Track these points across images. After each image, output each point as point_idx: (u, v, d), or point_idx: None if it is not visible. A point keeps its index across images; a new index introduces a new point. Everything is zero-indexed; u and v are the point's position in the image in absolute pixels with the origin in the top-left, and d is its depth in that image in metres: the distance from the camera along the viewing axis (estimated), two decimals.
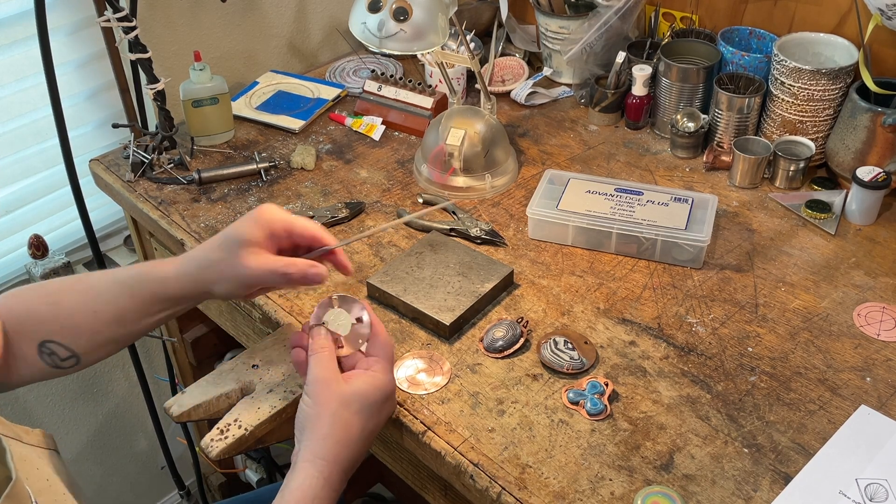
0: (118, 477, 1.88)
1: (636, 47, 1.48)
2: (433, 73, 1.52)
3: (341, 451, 0.82)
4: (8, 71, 1.35)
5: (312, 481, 0.80)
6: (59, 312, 0.89)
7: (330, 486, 0.80)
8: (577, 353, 0.99)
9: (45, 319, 0.88)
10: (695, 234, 1.13)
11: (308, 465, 0.80)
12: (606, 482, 0.87)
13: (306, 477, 0.80)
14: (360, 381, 0.85)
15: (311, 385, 0.84)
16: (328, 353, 0.86)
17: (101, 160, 1.39)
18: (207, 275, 0.87)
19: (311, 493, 0.79)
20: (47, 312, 0.89)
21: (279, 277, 0.86)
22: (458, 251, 1.14)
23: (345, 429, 0.82)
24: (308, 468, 0.80)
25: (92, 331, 0.89)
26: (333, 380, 0.84)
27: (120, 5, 1.26)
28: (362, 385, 0.84)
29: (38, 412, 1.65)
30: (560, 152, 1.40)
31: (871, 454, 0.88)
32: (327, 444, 0.81)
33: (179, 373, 1.72)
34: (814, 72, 1.23)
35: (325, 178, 1.34)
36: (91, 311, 0.89)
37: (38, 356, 0.88)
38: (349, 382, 0.85)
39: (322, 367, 0.85)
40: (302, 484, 0.79)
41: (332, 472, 0.81)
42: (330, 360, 0.86)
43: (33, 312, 0.88)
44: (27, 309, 0.89)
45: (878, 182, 1.18)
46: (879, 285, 1.11)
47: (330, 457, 0.81)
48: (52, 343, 0.88)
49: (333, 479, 0.81)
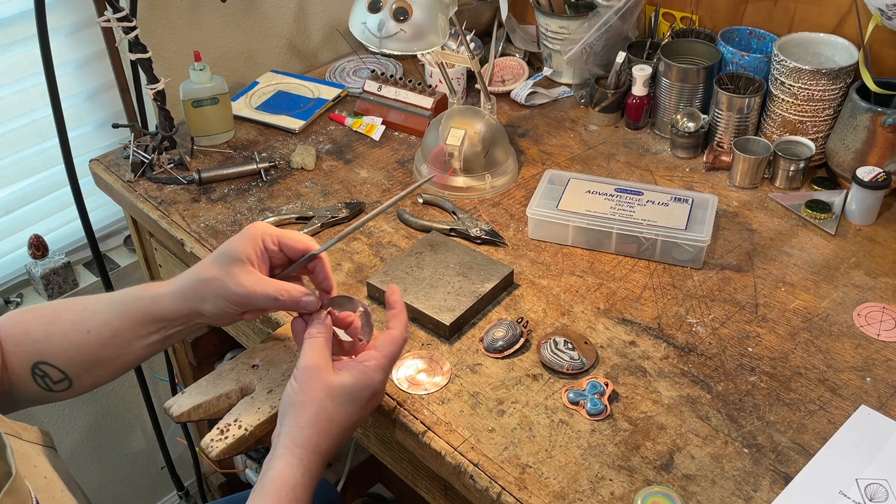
0: (118, 477, 1.87)
1: (636, 47, 1.48)
2: (433, 73, 1.52)
3: (322, 441, 0.82)
4: (8, 71, 1.35)
5: (292, 469, 0.79)
6: (54, 331, 0.89)
7: (309, 475, 0.81)
8: (577, 353, 0.99)
9: (40, 339, 0.89)
10: (695, 234, 1.13)
11: (288, 452, 0.80)
12: (606, 482, 0.86)
13: (286, 465, 0.80)
14: (350, 375, 0.84)
15: (300, 370, 0.83)
16: (322, 340, 0.85)
17: (101, 160, 1.39)
18: (200, 292, 0.87)
19: (292, 482, 0.79)
20: (42, 332, 0.89)
21: (271, 302, 0.86)
22: (458, 251, 1.14)
23: (328, 420, 0.82)
24: (288, 456, 0.80)
25: (85, 350, 0.89)
26: (323, 368, 0.83)
27: (120, 5, 1.26)
28: (350, 379, 0.84)
29: (38, 412, 1.65)
30: (560, 152, 1.40)
31: (871, 454, 0.88)
32: (309, 433, 0.81)
33: (179, 373, 1.72)
34: (814, 72, 1.23)
35: (325, 178, 1.34)
36: (84, 331, 0.89)
37: (32, 379, 0.89)
38: (339, 373, 0.84)
39: (314, 352, 0.84)
40: (282, 472, 0.79)
41: (311, 461, 0.81)
42: (323, 346, 0.85)
43: (30, 333, 0.89)
44: (24, 330, 0.89)
45: (878, 182, 1.18)
46: (879, 285, 1.11)
47: (310, 446, 0.81)
48: (45, 364, 0.88)
49: (312, 467, 0.81)
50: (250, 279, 0.85)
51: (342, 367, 0.85)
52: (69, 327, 0.89)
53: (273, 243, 0.88)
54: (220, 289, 0.85)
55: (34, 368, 0.88)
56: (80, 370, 0.90)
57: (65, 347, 0.89)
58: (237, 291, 0.85)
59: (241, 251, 0.86)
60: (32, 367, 0.88)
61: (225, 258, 0.86)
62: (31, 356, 0.88)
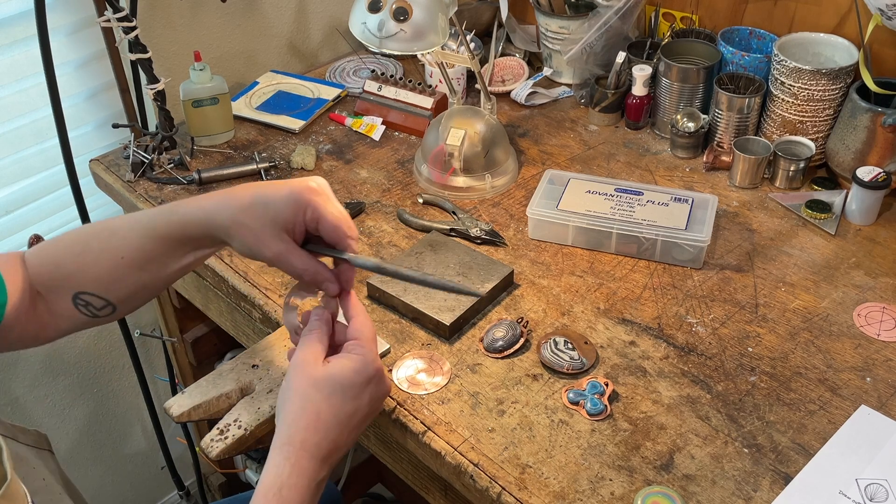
0: (118, 477, 1.87)
1: (636, 47, 1.48)
2: (433, 73, 1.52)
3: (310, 436, 0.78)
4: (8, 71, 1.35)
5: (279, 469, 0.76)
6: (86, 263, 0.87)
7: (300, 473, 0.76)
8: (577, 353, 0.99)
9: (73, 272, 0.87)
10: (695, 234, 1.13)
11: (276, 451, 0.77)
12: (606, 482, 0.86)
13: (273, 465, 0.76)
14: (336, 365, 0.81)
15: (290, 368, 0.81)
16: (314, 336, 0.83)
17: (101, 160, 1.39)
18: (231, 231, 0.83)
19: (278, 482, 0.75)
20: (74, 265, 0.87)
21: (293, 273, 0.84)
22: (458, 251, 1.14)
23: (315, 413, 0.78)
24: (275, 455, 0.77)
25: (122, 277, 0.87)
26: (310, 362, 0.80)
27: (120, 5, 1.26)
28: (337, 369, 0.80)
29: (37, 412, 1.65)
30: (560, 152, 1.40)
31: (871, 454, 0.88)
32: (294, 429, 0.78)
33: (179, 373, 1.72)
34: (814, 72, 1.23)
35: (325, 178, 1.34)
36: (118, 258, 0.87)
37: (75, 308, 0.88)
38: (325, 366, 0.81)
39: (304, 349, 0.82)
40: (269, 472, 0.76)
41: (299, 458, 0.77)
42: (314, 343, 0.83)
43: (61, 266, 0.87)
44: (55, 263, 0.88)
45: (878, 182, 1.18)
46: (879, 285, 1.11)
47: (297, 442, 0.77)
48: (86, 294, 0.87)
49: (303, 465, 0.77)
50: (280, 247, 0.82)
51: (329, 360, 0.82)
52: (100, 256, 0.87)
53: (312, 218, 0.83)
54: (250, 240, 0.82)
55: (76, 299, 0.87)
56: (121, 295, 0.89)
57: (100, 277, 0.87)
58: (265, 254, 0.82)
59: (282, 214, 0.82)
60: (73, 297, 0.87)
61: (263, 210, 0.82)
62: (70, 288, 0.87)
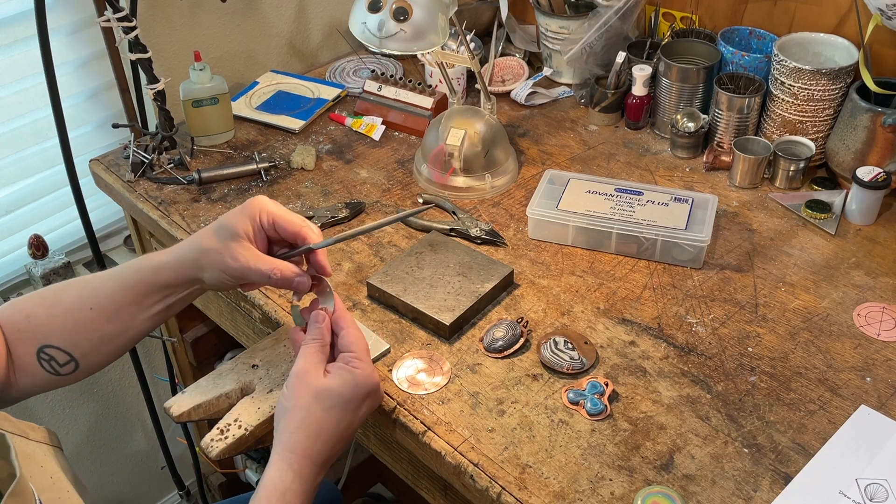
0: (118, 477, 1.88)
1: (636, 47, 1.48)
2: (433, 73, 1.52)
3: (312, 445, 0.82)
4: (8, 71, 1.35)
5: (282, 475, 0.80)
6: (57, 313, 0.89)
7: (301, 480, 0.81)
8: (577, 353, 0.99)
9: (43, 322, 0.89)
10: (695, 234, 1.13)
11: (278, 458, 0.81)
12: (606, 482, 0.87)
13: (276, 470, 0.81)
14: (337, 378, 0.84)
15: (291, 377, 0.85)
16: (315, 346, 0.86)
17: (101, 160, 1.39)
18: (200, 261, 0.88)
19: (282, 487, 0.80)
20: (45, 315, 0.89)
21: (264, 278, 0.87)
22: (458, 251, 1.14)
23: (316, 424, 0.82)
24: (278, 462, 0.81)
25: (89, 329, 0.89)
26: (312, 373, 0.84)
27: (120, 5, 1.26)
28: (338, 382, 0.84)
29: (38, 411, 1.65)
30: (560, 152, 1.40)
31: (871, 454, 0.88)
32: (297, 437, 0.82)
33: (179, 373, 1.72)
34: (814, 72, 1.23)
35: (325, 178, 1.34)
36: (87, 308, 0.89)
37: (38, 364, 0.88)
38: (326, 377, 0.85)
39: (304, 358, 0.85)
40: (273, 478, 0.80)
41: (302, 466, 0.81)
42: (315, 352, 0.86)
43: (32, 317, 0.89)
44: (26, 315, 0.89)
45: (878, 182, 1.18)
46: (879, 285, 1.11)
47: (299, 450, 0.81)
48: (51, 348, 0.88)
49: (305, 472, 0.81)
50: (246, 255, 0.86)
51: (330, 371, 0.86)
52: (71, 307, 0.89)
53: (268, 222, 0.88)
54: (218, 261, 0.87)
55: (39, 353, 0.88)
56: (85, 350, 0.90)
57: (69, 328, 0.89)
58: (233, 266, 0.86)
59: (240, 226, 0.87)
60: (38, 351, 0.88)
61: (223, 231, 0.87)
62: (36, 341, 0.88)
